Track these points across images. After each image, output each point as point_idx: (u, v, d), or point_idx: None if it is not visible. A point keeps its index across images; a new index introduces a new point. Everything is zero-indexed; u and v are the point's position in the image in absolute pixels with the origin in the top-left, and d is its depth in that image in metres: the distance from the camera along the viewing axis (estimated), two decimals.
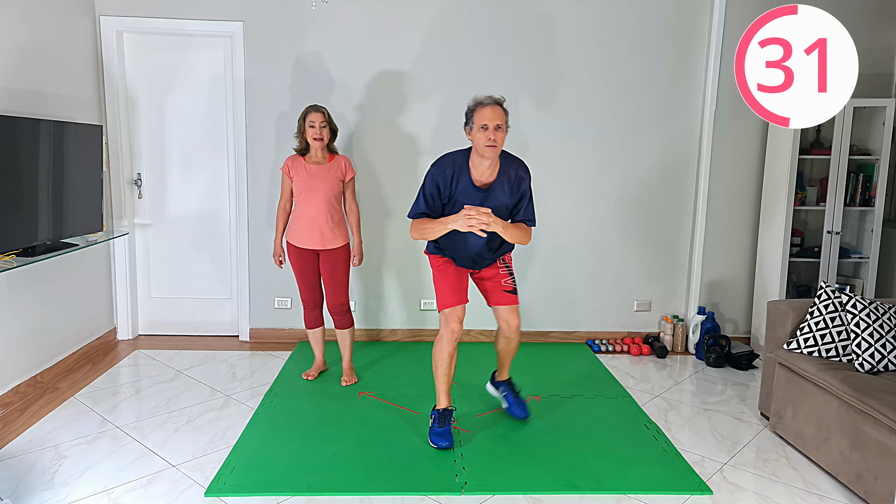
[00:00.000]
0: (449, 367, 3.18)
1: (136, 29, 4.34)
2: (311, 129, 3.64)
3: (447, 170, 3.01)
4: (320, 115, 3.66)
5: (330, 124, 3.72)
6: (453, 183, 3.01)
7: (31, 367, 3.69)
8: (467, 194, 3.02)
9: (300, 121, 3.71)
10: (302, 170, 3.71)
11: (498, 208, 3.04)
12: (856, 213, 4.56)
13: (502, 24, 4.41)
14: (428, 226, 3.00)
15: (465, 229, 2.87)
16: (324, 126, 3.66)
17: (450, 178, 3.00)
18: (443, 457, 3.03)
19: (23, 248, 3.33)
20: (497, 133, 2.90)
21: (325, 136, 3.68)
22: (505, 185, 3.05)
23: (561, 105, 4.50)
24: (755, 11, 4.15)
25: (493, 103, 2.94)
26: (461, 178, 3.01)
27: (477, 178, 3.02)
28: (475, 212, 2.83)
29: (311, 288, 3.85)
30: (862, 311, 3.06)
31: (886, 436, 2.59)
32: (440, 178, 3.00)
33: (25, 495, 2.65)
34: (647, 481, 2.85)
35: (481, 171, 3.01)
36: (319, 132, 3.65)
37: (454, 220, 2.89)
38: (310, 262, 3.79)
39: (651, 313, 4.79)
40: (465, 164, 3.02)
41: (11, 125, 3.17)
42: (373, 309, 4.67)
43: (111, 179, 4.43)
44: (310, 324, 3.92)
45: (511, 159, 3.11)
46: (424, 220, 3.04)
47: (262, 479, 2.80)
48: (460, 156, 3.06)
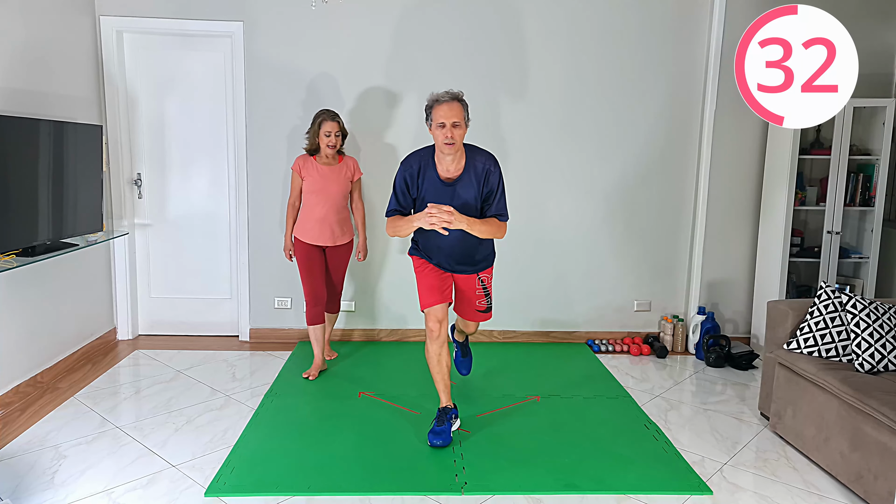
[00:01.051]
0: (439, 364, 3.17)
1: (136, 29, 4.34)
2: (325, 137, 3.80)
3: (413, 165, 3.03)
4: (335, 124, 3.81)
5: (343, 131, 3.88)
6: (420, 178, 3.02)
7: (31, 367, 3.69)
8: (434, 189, 3.01)
9: (314, 125, 3.83)
10: (313, 170, 3.85)
11: (467, 203, 3.02)
12: (856, 213, 4.56)
13: (502, 24, 4.41)
14: (398, 223, 3.02)
15: (427, 227, 2.88)
16: (338, 135, 3.83)
17: (416, 172, 3.02)
18: (443, 457, 3.03)
19: (23, 248, 3.32)
20: (455, 130, 2.89)
21: (338, 144, 3.85)
22: (472, 178, 3.02)
23: (561, 105, 4.50)
24: (755, 11, 4.15)
25: (449, 100, 2.92)
26: (427, 172, 3.01)
27: (442, 172, 3.01)
28: (436, 209, 2.84)
29: (316, 283, 3.91)
30: (862, 311, 3.06)
31: (886, 436, 2.59)
32: (407, 174, 3.03)
33: (25, 495, 2.65)
34: (647, 481, 2.85)
35: (446, 165, 3.00)
36: (334, 140, 3.81)
37: (418, 218, 2.91)
38: (317, 258, 3.92)
39: (651, 313, 4.79)
40: (430, 159, 3.02)
41: (11, 125, 3.17)
42: (373, 309, 4.67)
43: (111, 179, 4.43)
44: (312, 320, 3.92)
45: (478, 152, 3.07)
46: (396, 217, 3.07)
47: (262, 479, 2.80)
48: (426, 151, 3.07)
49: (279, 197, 4.48)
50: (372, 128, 4.47)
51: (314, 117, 3.85)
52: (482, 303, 3.33)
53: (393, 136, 4.48)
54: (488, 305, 3.35)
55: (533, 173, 4.56)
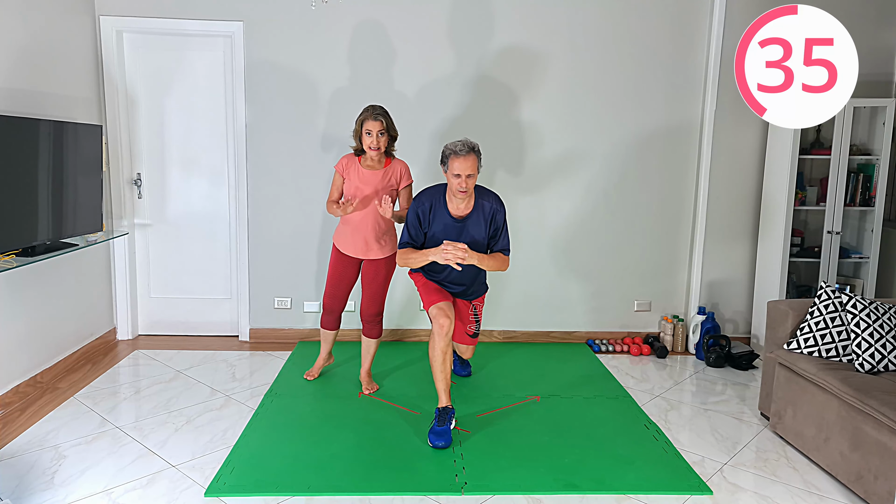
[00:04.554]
0: (444, 364, 3.22)
1: (136, 29, 4.34)
2: (367, 137, 3.42)
3: (425, 203, 3.27)
4: (378, 123, 3.40)
5: (389, 131, 3.47)
6: (431, 215, 3.27)
7: (31, 367, 3.69)
8: (444, 225, 3.27)
9: (357, 123, 3.48)
10: (354, 173, 3.52)
11: (475, 239, 3.29)
12: (856, 213, 4.56)
13: (503, 24, 4.41)
14: (412, 255, 3.26)
15: (442, 262, 3.12)
16: (382, 134, 3.42)
17: (428, 209, 3.27)
18: (443, 457, 3.03)
19: (23, 248, 3.32)
20: (469, 180, 3.14)
21: (382, 145, 3.44)
22: (480, 219, 3.29)
23: (560, 104, 4.50)
24: (755, 11, 4.16)
25: (466, 153, 3.13)
26: (438, 210, 3.27)
27: (453, 211, 3.26)
28: (452, 247, 3.09)
29: (338, 295, 3.72)
30: (862, 311, 3.06)
31: (886, 436, 2.59)
32: (420, 210, 3.27)
33: (25, 495, 2.65)
34: (647, 481, 2.85)
35: (456, 205, 3.25)
36: (376, 141, 3.41)
37: (434, 253, 3.15)
38: (349, 269, 3.67)
39: (651, 313, 4.79)
40: (441, 198, 3.28)
41: (11, 125, 3.17)
42: None
43: (111, 179, 4.43)
44: (326, 325, 3.82)
45: (486, 194, 3.34)
46: (409, 249, 3.30)
47: (262, 479, 2.80)
48: (437, 190, 3.31)
49: (279, 197, 4.48)
50: None
51: (359, 114, 3.48)
52: (471, 328, 3.63)
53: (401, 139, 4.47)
54: (476, 331, 3.65)
55: (533, 173, 4.56)
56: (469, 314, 3.59)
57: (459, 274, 3.37)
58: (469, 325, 3.61)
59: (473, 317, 3.60)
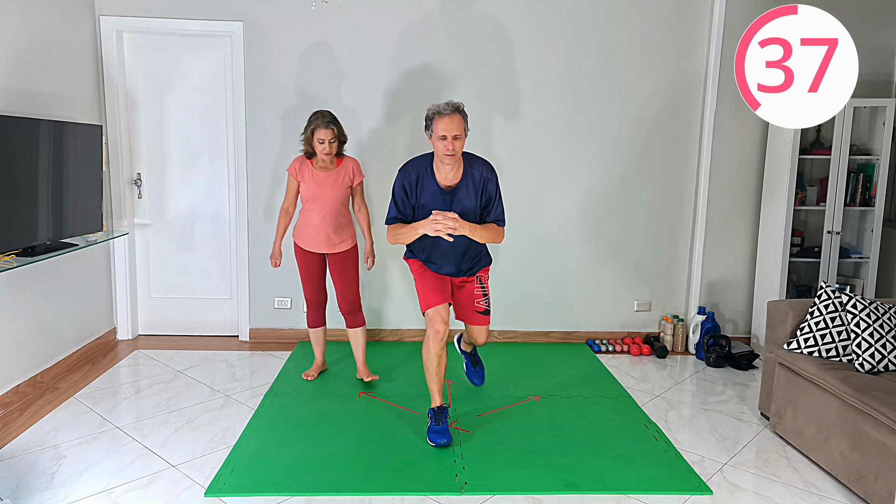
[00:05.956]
0: (438, 366, 3.19)
1: (136, 29, 4.34)
2: (319, 144, 3.56)
3: (412, 173, 3.09)
4: (330, 131, 3.55)
5: (339, 137, 3.63)
6: (419, 186, 3.09)
7: (31, 367, 3.69)
8: (433, 197, 3.09)
9: (307, 130, 3.59)
10: (309, 176, 3.66)
11: (465, 210, 3.10)
12: (856, 213, 4.56)
13: (502, 24, 4.41)
14: (401, 230, 3.09)
15: (432, 233, 2.96)
16: (333, 142, 3.58)
17: (415, 181, 3.09)
18: (443, 457, 3.03)
19: (23, 248, 3.32)
20: (455, 142, 2.97)
21: (333, 151, 3.61)
22: (470, 187, 3.11)
23: (560, 104, 4.50)
24: (755, 11, 4.15)
25: (451, 112, 2.98)
26: (425, 181, 3.09)
27: (441, 180, 3.09)
28: (441, 216, 2.92)
29: (314, 287, 3.83)
30: (862, 311, 3.06)
31: (886, 436, 2.59)
32: (406, 182, 3.09)
33: (25, 495, 2.65)
34: (647, 481, 2.85)
35: (444, 174, 3.08)
36: (328, 148, 3.57)
37: (423, 225, 2.98)
38: (315, 263, 3.79)
39: (651, 313, 4.79)
40: (429, 168, 3.10)
41: (11, 125, 3.17)
42: (373, 309, 4.67)
43: (111, 179, 4.43)
44: (312, 323, 3.91)
45: (475, 161, 3.16)
46: (398, 224, 3.13)
47: (262, 479, 2.80)
48: (423, 160, 3.14)
49: (279, 197, 4.48)
50: (371, 129, 4.47)
51: (308, 121, 3.61)
52: (481, 303, 3.37)
53: (393, 138, 4.48)
54: (487, 307, 3.40)
55: (533, 173, 4.56)
56: (476, 289, 3.36)
57: (452, 246, 3.15)
58: (477, 300, 3.35)
59: (481, 290, 3.36)
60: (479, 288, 3.36)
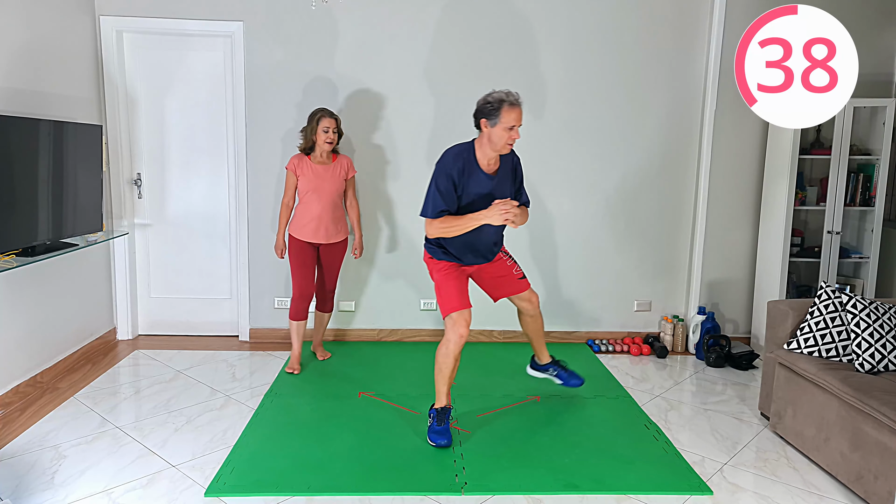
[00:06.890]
0: (453, 370, 3.20)
1: (136, 29, 4.34)
2: (324, 133, 3.84)
3: (458, 162, 3.04)
4: (333, 121, 3.88)
5: (339, 130, 3.94)
6: (465, 174, 3.05)
7: (31, 367, 3.69)
8: (479, 184, 3.07)
9: (311, 122, 3.87)
10: (308, 169, 3.90)
11: (505, 194, 3.16)
12: (856, 213, 4.56)
13: (502, 26, 4.40)
14: (454, 223, 3.01)
15: (499, 222, 2.94)
16: (335, 132, 3.89)
17: (462, 169, 3.04)
18: (443, 457, 3.03)
19: (22, 248, 3.32)
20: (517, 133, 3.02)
21: (335, 141, 3.91)
22: (508, 170, 3.19)
23: (560, 104, 4.50)
24: (755, 11, 4.15)
25: (520, 105, 3.01)
26: (471, 169, 3.06)
27: (485, 168, 3.10)
28: (503, 203, 2.93)
29: (308, 279, 4.01)
30: (862, 311, 3.06)
31: (886, 436, 2.59)
32: (453, 171, 3.02)
33: (25, 495, 2.65)
34: (647, 481, 2.85)
35: (488, 161, 3.10)
36: (332, 136, 3.87)
37: (486, 216, 2.96)
38: (311, 255, 3.99)
39: (651, 313, 4.79)
40: (471, 156, 3.08)
41: (11, 125, 3.17)
42: (373, 309, 4.67)
43: (111, 179, 4.43)
44: (297, 315, 4.03)
45: None
46: (447, 217, 3.03)
47: (262, 479, 2.79)
48: (464, 149, 3.10)
49: (279, 197, 4.48)
50: (370, 129, 4.47)
51: (311, 115, 3.89)
52: (517, 269, 3.43)
53: (391, 138, 4.48)
54: (522, 271, 3.45)
55: (533, 173, 4.55)
56: (506, 261, 3.40)
57: (489, 234, 3.17)
58: (513, 268, 3.40)
59: (511, 260, 3.44)
60: (507, 259, 3.43)
